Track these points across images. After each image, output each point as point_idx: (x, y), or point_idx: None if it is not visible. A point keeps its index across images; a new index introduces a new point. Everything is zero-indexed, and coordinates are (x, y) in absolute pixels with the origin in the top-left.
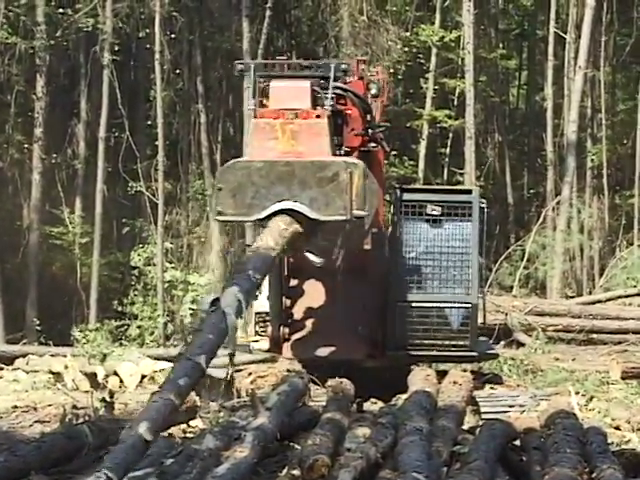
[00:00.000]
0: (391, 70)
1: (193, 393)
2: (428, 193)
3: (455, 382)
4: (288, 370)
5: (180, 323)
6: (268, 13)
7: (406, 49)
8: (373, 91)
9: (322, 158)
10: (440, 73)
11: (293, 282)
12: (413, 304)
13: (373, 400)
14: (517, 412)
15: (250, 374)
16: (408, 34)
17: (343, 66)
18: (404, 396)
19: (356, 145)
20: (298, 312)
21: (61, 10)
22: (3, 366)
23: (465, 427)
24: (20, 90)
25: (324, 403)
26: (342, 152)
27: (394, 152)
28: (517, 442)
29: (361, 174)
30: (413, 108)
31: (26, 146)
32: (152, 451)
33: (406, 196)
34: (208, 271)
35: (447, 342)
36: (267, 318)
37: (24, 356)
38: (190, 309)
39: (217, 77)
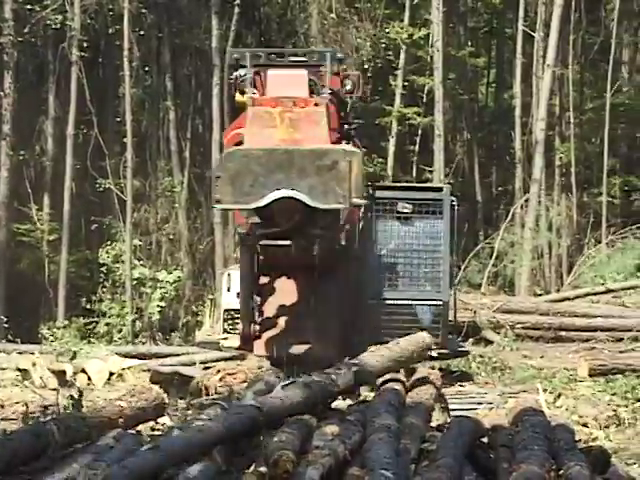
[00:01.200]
0: (365, 66)
1: (161, 390)
2: (399, 190)
3: (423, 379)
4: (258, 367)
5: (148, 320)
6: (237, 10)
7: (375, 46)
8: (348, 87)
9: (321, 146)
10: (409, 71)
11: (263, 279)
12: (383, 302)
13: (341, 397)
14: (485, 409)
15: (219, 371)
16: (377, 31)
17: (339, 55)
18: (372, 393)
19: (333, 141)
20: (269, 309)
21: (29, 6)
22: None
23: (433, 424)
24: None
25: None
26: None
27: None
28: (485, 439)
29: (359, 162)
30: (382, 105)
31: None
32: (120, 448)
33: (377, 194)
34: (177, 268)
35: None
36: (236, 315)
37: None
38: (158, 306)
39: (186, 74)
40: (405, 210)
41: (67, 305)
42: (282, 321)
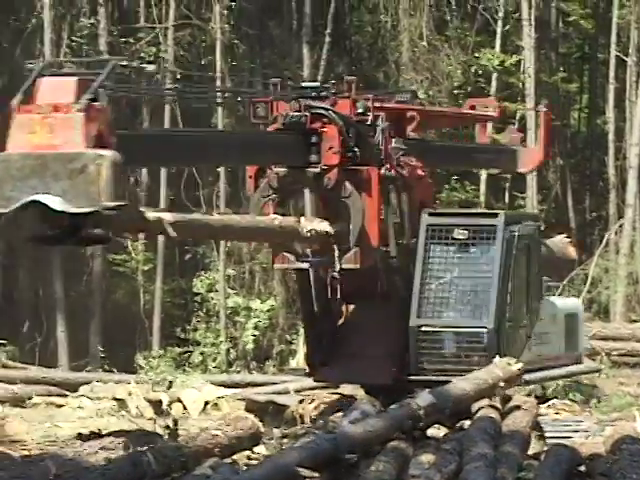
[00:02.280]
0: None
1: (256, 419)
2: (455, 217)
3: (519, 407)
4: (346, 396)
5: (242, 349)
6: (328, 39)
7: (466, 73)
8: (359, 110)
9: (72, 150)
10: (501, 97)
11: (324, 306)
12: (430, 328)
13: (436, 425)
14: (582, 437)
15: (313, 400)
16: (468, 58)
17: (123, 62)
18: (468, 422)
19: (335, 162)
20: (330, 336)
21: (123, 39)
22: (68, 393)
23: (530, 452)
24: None
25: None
26: (318, 169)
27: (455, 177)
28: (583, 468)
29: (109, 165)
30: (472, 132)
31: None
32: (216, 477)
33: (432, 220)
34: (270, 297)
35: (464, 366)
36: None
37: (88, 383)
38: (252, 335)
39: None
40: (460, 237)
41: (162, 334)
42: (342, 348)
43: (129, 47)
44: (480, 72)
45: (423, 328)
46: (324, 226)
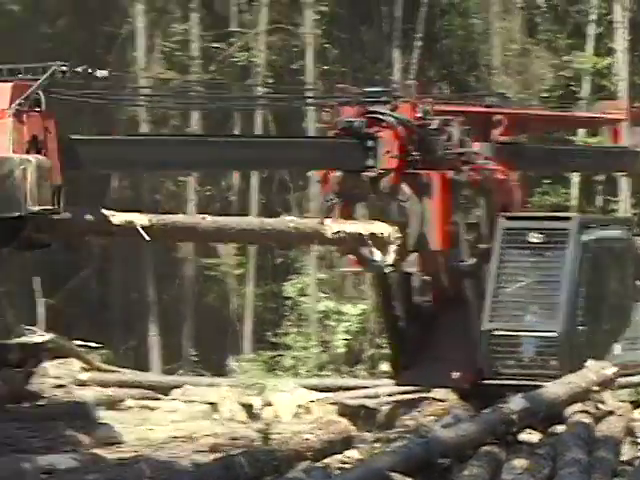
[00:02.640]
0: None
1: (349, 423)
2: (531, 220)
3: (613, 412)
4: (445, 400)
5: (334, 353)
6: (419, 43)
7: (557, 76)
8: (418, 114)
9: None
10: (593, 100)
11: (407, 310)
12: (503, 332)
13: (528, 430)
14: None
15: (404, 404)
16: (560, 61)
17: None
18: (560, 426)
19: (392, 167)
20: (413, 340)
21: (216, 45)
22: (160, 396)
23: (624, 458)
24: (175, 125)
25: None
26: (375, 173)
27: (547, 180)
28: None
29: (34, 170)
30: (565, 136)
31: (182, 179)
32: None
33: (509, 223)
34: (361, 301)
35: (536, 370)
36: None
37: (181, 386)
38: (343, 339)
39: None
40: (535, 240)
41: (253, 338)
42: (421, 351)
43: (221, 52)
44: (571, 75)
45: (495, 332)
46: (382, 228)
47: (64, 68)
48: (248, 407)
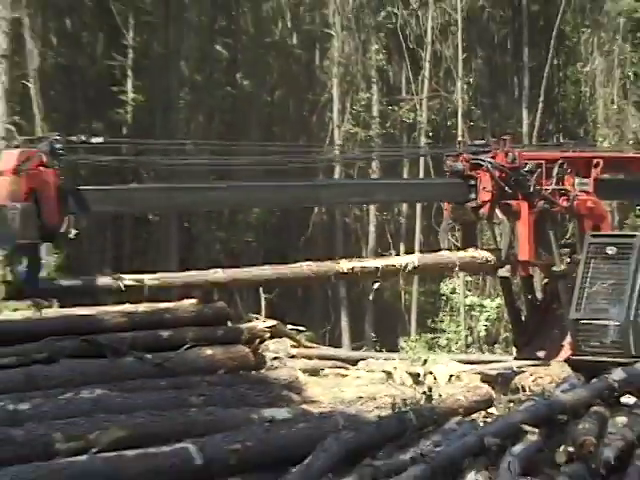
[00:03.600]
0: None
1: (489, 388)
2: (609, 237)
3: None
4: (562, 371)
5: (477, 336)
6: (541, 105)
7: None
8: (509, 159)
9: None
10: None
11: (528, 302)
12: (584, 320)
13: (627, 395)
14: None
15: (532, 374)
16: None
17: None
18: None
19: (487, 199)
20: (527, 326)
21: (390, 107)
22: (349, 367)
23: None
24: (361, 167)
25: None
26: (474, 204)
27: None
28: None
29: (19, 214)
30: None
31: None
32: (459, 431)
33: (593, 239)
34: (498, 297)
35: (612, 351)
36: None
37: (364, 359)
38: (484, 325)
39: None
40: (610, 252)
41: (418, 324)
42: (539, 334)
43: (394, 113)
44: None
45: (580, 320)
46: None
47: (58, 138)
48: (414, 375)
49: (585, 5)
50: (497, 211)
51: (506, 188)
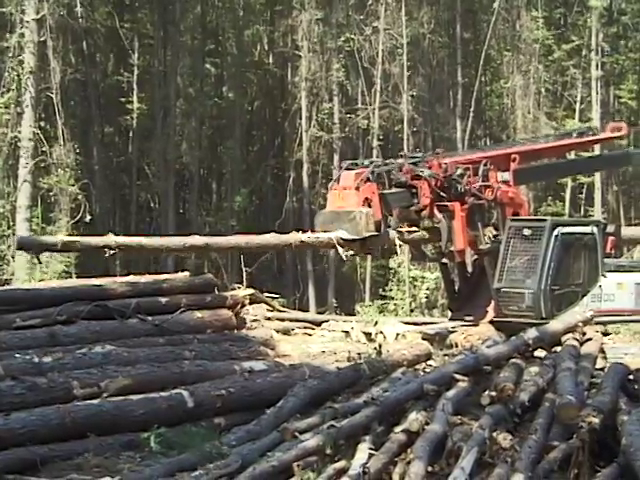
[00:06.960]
0: None
1: (428, 344)
2: (526, 221)
3: (591, 339)
4: (487, 331)
5: (419, 302)
6: (471, 114)
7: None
8: (442, 169)
9: (350, 208)
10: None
11: (460, 276)
12: (504, 289)
13: (540, 350)
14: (630, 357)
15: (462, 333)
16: (558, 125)
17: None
18: (559, 347)
19: (426, 203)
20: (462, 293)
21: (348, 115)
22: (315, 327)
23: (598, 367)
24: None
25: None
26: (417, 208)
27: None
28: (631, 377)
29: (364, 216)
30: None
31: None
32: (404, 379)
33: (512, 223)
34: (436, 270)
35: (527, 314)
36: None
37: (327, 321)
38: (425, 294)
39: None
40: (526, 233)
41: (371, 292)
42: (469, 301)
43: (352, 120)
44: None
45: (501, 289)
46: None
47: (379, 161)
48: (368, 334)
49: (507, 34)
50: (435, 211)
51: (441, 193)
